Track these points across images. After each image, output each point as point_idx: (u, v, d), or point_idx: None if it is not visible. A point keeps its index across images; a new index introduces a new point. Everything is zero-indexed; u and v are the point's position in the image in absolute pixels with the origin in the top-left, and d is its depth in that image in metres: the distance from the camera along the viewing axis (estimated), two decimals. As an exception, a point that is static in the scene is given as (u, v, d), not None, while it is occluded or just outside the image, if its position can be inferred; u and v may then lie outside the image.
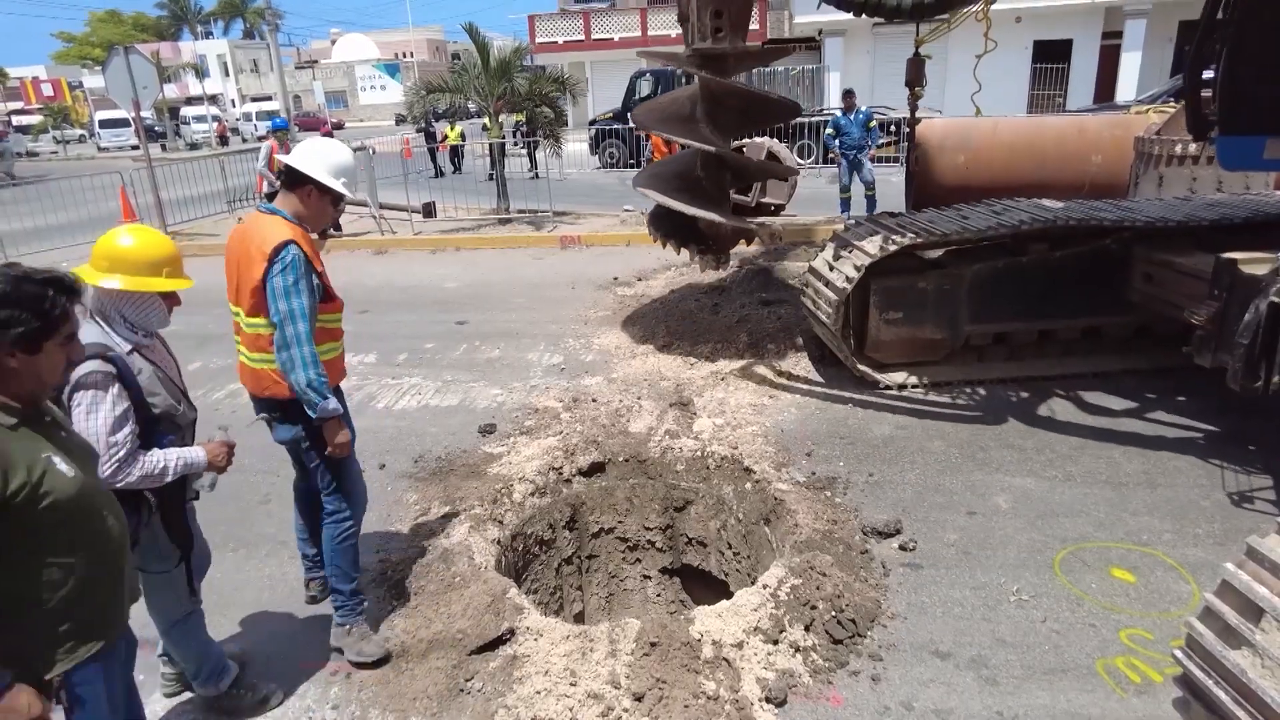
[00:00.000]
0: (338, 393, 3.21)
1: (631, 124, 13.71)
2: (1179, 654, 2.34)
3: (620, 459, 4.91)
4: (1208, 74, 4.90)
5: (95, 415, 2.41)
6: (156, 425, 2.60)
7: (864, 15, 5.98)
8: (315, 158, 3.13)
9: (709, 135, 6.20)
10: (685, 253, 6.95)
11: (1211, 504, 4.22)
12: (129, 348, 2.59)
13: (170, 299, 2.68)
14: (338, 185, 3.15)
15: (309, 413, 3.06)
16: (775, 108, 7.27)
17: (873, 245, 5.48)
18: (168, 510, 2.69)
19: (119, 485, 2.42)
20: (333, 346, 3.23)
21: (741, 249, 10.66)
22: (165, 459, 2.56)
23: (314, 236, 3.21)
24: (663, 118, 6.78)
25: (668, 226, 6.93)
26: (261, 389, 3.14)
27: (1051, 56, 25.75)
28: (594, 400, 5.79)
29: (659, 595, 4.95)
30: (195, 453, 2.65)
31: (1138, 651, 3.20)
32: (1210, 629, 2.24)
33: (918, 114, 9.57)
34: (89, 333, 2.49)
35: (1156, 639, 3.25)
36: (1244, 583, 2.17)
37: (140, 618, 2.54)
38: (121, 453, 2.44)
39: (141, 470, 2.49)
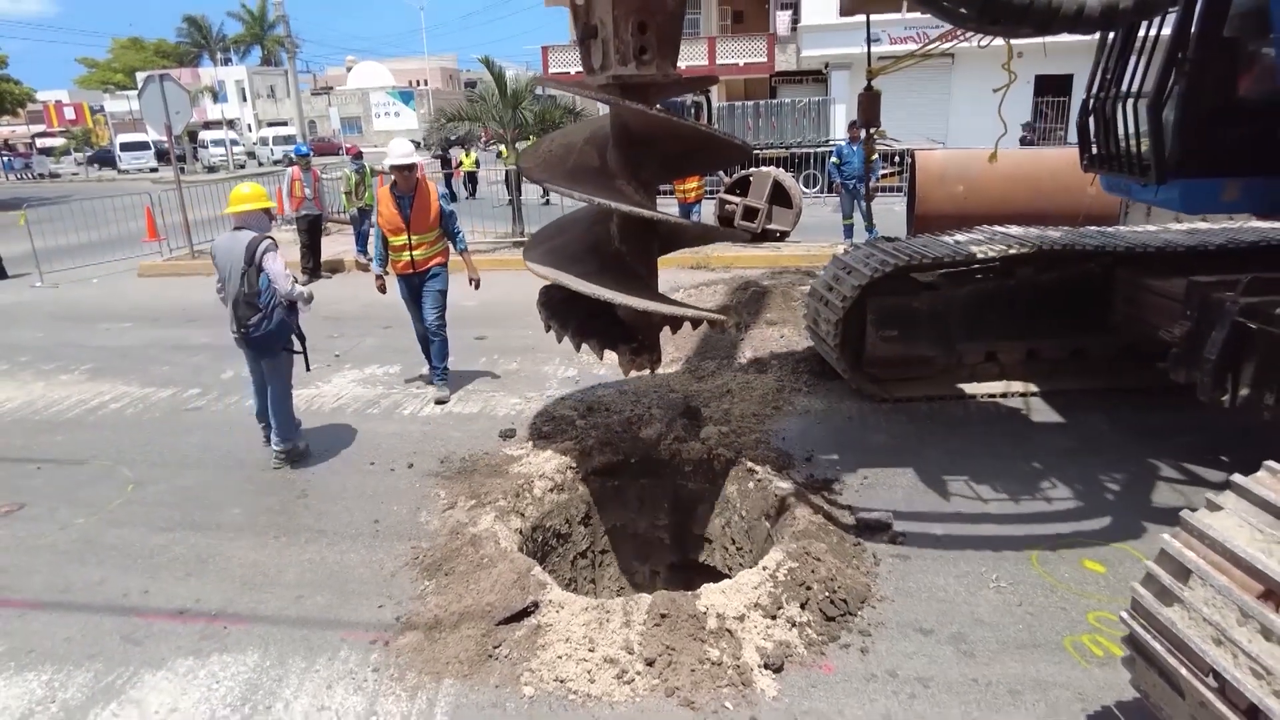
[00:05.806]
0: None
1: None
2: (1125, 615, 2.68)
3: (632, 461, 5.26)
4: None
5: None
6: None
7: (998, 27, 4.66)
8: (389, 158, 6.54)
9: (632, 193, 4.37)
10: (611, 355, 4.90)
11: (1184, 505, 4.54)
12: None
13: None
14: (393, 161, 6.41)
15: (461, 248, 6.84)
16: (723, 151, 5.16)
17: (869, 267, 5.86)
18: None
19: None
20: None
21: (744, 270, 11.07)
22: None
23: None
24: (566, 171, 4.65)
25: (577, 321, 4.79)
26: (428, 264, 6.61)
27: (1053, 90, 26.32)
28: (607, 409, 6.16)
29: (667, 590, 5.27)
30: None
31: (1102, 630, 3.52)
32: (1150, 590, 2.58)
33: (921, 146, 9.96)
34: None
35: (1120, 620, 3.57)
36: (1176, 549, 2.52)
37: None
38: None
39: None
